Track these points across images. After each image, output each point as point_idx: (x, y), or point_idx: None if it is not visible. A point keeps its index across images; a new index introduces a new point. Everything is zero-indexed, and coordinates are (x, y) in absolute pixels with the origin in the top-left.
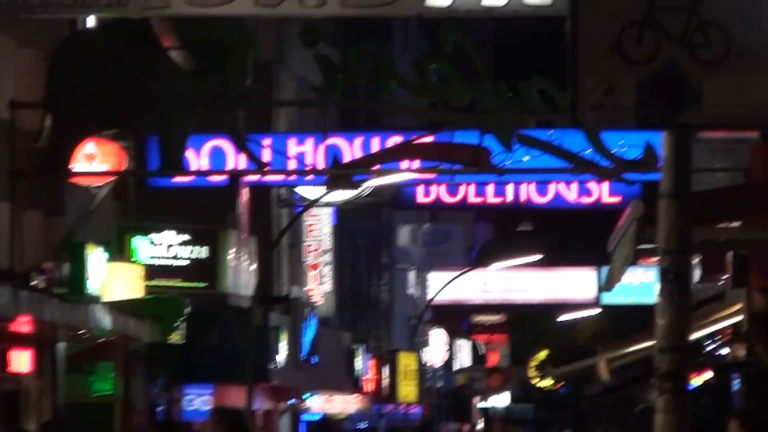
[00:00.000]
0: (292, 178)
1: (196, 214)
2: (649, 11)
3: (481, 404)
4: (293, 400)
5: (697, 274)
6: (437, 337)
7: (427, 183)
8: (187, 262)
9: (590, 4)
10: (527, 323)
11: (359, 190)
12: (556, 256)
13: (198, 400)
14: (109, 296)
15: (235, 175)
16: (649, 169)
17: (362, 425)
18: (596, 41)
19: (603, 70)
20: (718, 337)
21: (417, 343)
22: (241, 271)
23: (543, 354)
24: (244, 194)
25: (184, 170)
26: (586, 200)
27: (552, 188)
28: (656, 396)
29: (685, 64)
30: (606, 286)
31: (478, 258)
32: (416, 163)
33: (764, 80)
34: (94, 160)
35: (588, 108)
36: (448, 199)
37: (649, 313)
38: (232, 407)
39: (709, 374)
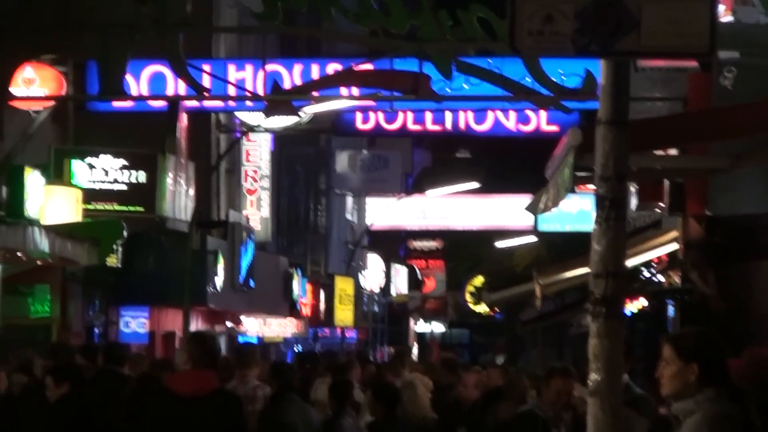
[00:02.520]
0: (232, 103)
1: (135, 139)
2: None
3: (418, 329)
4: (229, 323)
5: (633, 202)
6: (374, 262)
7: (366, 110)
8: (125, 186)
9: None
10: (464, 249)
11: (298, 116)
12: (494, 184)
13: (134, 323)
14: (46, 219)
15: (175, 101)
16: (587, 98)
17: (294, 351)
18: None
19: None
20: (654, 264)
21: (354, 268)
22: (179, 196)
23: (479, 280)
24: (184, 119)
25: (123, 95)
26: (525, 128)
27: (491, 116)
28: (590, 320)
29: None
30: (534, 208)
31: (415, 184)
32: (355, 90)
33: (702, 9)
34: (33, 84)
35: (526, 35)
36: (387, 125)
37: (585, 240)
38: (203, 331)
39: (644, 301)
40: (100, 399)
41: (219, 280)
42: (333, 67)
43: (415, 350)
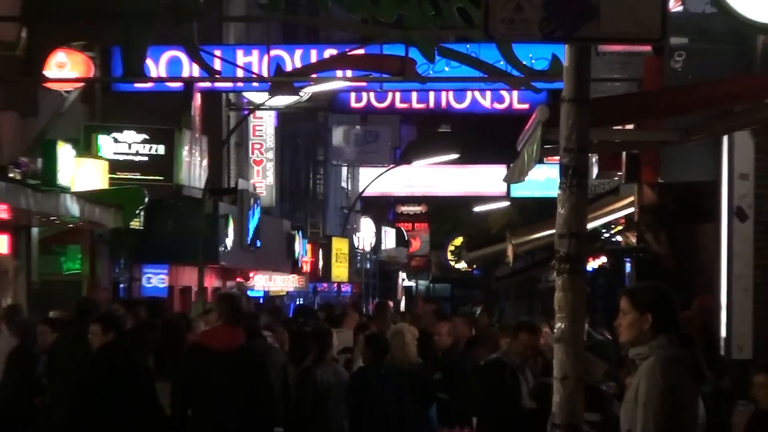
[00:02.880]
0: (240, 84)
1: (155, 116)
2: None
3: (405, 283)
4: (238, 279)
5: (594, 171)
6: (366, 224)
7: (359, 90)
8: (146, 158)
9: None
10: (445, 213)
11: (299, 95)
12: (471, 155)
13: (155, 279)
14: (77, 187)
15: (189, 82)
16: (554, 79)
17: (296, 303)
18: None
19: None
20: (613, 226)
21: (348, 230)
22: (194, 166)
23: (459, 240)
24: (197, 98)
25: (144, 77)
26: (499, 106)
27: (469, 96)
28: (556, 276)
29: None
30: (509, 178)
31: (402, 156)
32: (349, 73)
33: (651, 4)
34: (64, 67)
35: (499, 23)
36: (377, 104)
37: (552, 204)
38: (231, 292)
39: (604, 259)
40: (141, 347)
41: (229, 241)
42: (329, 52)
43: (402, 303)
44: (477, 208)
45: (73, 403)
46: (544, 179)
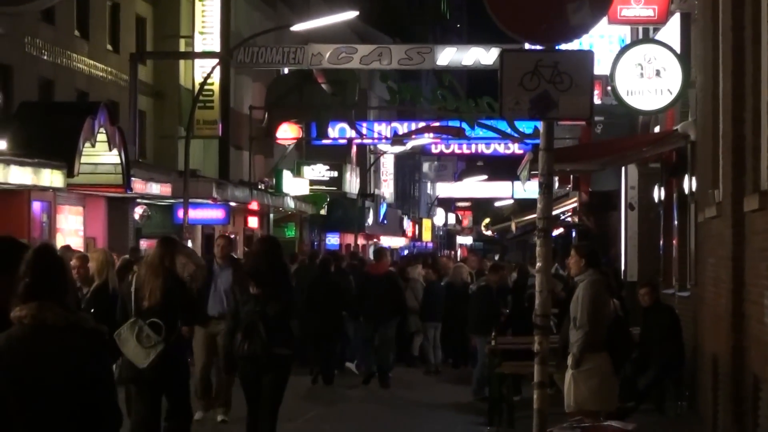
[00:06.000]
0: (375, 140)
1: (332, 157)
2: (536, 67)
3: (459, 242)
4: (375, 240)
5: (556, 185)
6: (440, 212)
7: (436, 143)
8: (328, 178)
9: (510, 64)
10: (481, 206)
11: (406, 146)
12: (494, 176)
13: (333, 239)
14: (292, 192)
15: (350, 140)
16: (536, 137)
17: (404, 252)
18: (511, 80)
19: (514, 93)
20: (566, 212)
21: (431, 215)
22: (353, 182)
23: (487, 220)
24: (354, 148)
25: (327, 137)
26: (507, 151)
27: (493, 145)
28: (536, 238)
29: (551, 90)
30: (520, 178)
31: (459, 177)
32: (431, 134)
33: (586, 99)
34: (286, 132)
35: (508, 110)
36: (445, 150)
37: (535, 202)
38: (380, 247)
39: (561, 230)
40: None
41: (370, 220)
42: (422, 124)
43: (459, 252)
44: (497, 204)
45: (309, 295)
46: (531, 189)
